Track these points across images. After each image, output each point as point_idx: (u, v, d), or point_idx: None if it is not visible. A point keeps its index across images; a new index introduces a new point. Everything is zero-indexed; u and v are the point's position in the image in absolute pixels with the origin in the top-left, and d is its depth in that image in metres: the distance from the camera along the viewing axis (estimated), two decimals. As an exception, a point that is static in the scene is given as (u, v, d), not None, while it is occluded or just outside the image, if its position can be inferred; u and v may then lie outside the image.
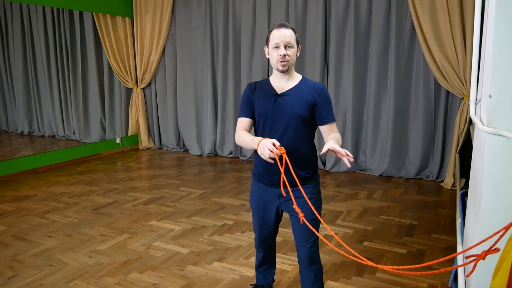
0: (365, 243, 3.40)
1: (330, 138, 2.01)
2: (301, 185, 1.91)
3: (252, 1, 5.95)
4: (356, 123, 5.55)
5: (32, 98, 7.76)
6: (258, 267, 2.55)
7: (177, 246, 3.35)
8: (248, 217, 3.98)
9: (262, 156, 1.81)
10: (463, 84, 4.70)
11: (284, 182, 1.89)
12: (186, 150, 6.97)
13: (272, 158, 1.82)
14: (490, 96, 1.79)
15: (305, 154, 2.10)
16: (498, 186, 1.80)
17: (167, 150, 7.08)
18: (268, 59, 2.12)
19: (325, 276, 2.87)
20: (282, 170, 1.73)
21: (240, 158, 6.40)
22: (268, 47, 2.07)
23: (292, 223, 2.19)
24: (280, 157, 1.81)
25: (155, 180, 5.26)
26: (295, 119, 2.04)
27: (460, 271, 2.38)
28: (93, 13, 6.64)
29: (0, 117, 8.15)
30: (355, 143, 5.60)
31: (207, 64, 6.44)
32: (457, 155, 4.82)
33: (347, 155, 1.78)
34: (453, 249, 3.25)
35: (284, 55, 1.99)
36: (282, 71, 2.05)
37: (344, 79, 5.54)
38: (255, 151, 1.96)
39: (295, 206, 1.73)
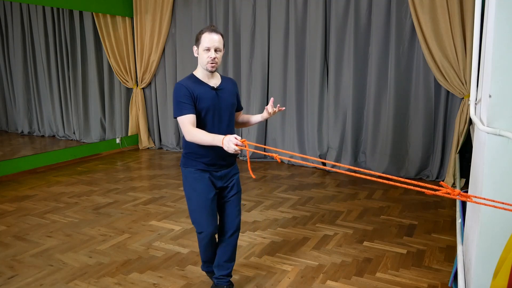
0: (365, 243, 3.40)
1: (247, 115, 2.65)
2: (234, 162, 2.51)
3: (252, 1, 5.95)
4: (356, 123, 5.55)
5: (32, 98, 7.76)
6: (208, 262, 2.63)
7: (177, 246, 3.35)
8: (248, 216, 3.99)
9: (229, 150, 2.08)
10: (463, 84, 4.70)
11: (227, 164, 2.44)
12: (186, 150, 6.96)
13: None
14: (490, 96, 1.80)
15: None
16: (498, 186, 1.80)
17: (167, 150, 7.08)
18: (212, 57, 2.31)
19: (325, 276, 2.87)
20: (248, 157, 2.07)
21: (240, 158, 6.40)
22: (198, 48, 2.31)
23: (231, 201, 2.51)
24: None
25: (155, 180, 5.26)
26: (233, 107, 2.46)
27: (460, 271, 2.38)
28: (93, 13, 6.64)
29: (0, 117, 8.15)
30: (355, 143, 5.60)
31: (207, 64, 6.43)
32: (457, 155, 4.82)
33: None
34: (453, 249, 3.25)
35: (214, 58, 2.28)
36: (210, 71, 2.33)
37: (344, 79, 5.54)
38: (198, 148, 2.32)
39: (250, 172, 2.20)
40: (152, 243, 3.40)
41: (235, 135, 2.09)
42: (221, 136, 2.12)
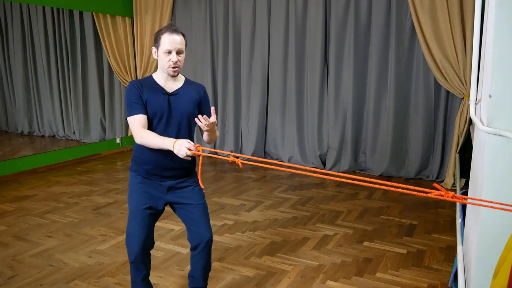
0: (365, 243, 3.40)
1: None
2: (187, 176, 2.27)
3: (252, 1, 5.95)
4: (356, 123, 5.55)
5: (32, 98, 7.75)
6: (141, 283, 2.32)
7: (177, 246, 3.35)
8: (248, 216, 3.99)
9: (179, 154, 1.93)
10: (463, 84, 4.70)
11: (177, 174, 2.23)
12: (186, 150, 6.96)
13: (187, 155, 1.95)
14: (490, 96, 1.80)
15: None
16: (498, 186, 1.80)
17: (167, 150, 7.07)
18: (161, 59, 2.13)
19: (325, 276, 2.87)
20: (200, 164, 1.99)
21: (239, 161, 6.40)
22: (157, 49, 2.12)
23: (190, 215, 2.26)
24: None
25: (155, 180, 5.26)
26: (188, 116, 2.21)
27: (460, 271, 2.38)
28: (93, 13, 6.65)
29: (0, 117, 8.15)
30: (355, 143, 5.60)
31: (207, 64, 6.44)
32: (457, 155, 4.82)
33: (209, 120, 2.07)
34: (453, 249, 3.25)
35: (176, 62, 2.09)
36: (172, 76, 2.15)
37: (344, 79, 5.54)
38: (141, 152, 2.20)
39: (200, 182, 2.08)
40: (152, 243, 3.40)
41: (188, 140, 1.95)
42: (173, 139, 1.98)
